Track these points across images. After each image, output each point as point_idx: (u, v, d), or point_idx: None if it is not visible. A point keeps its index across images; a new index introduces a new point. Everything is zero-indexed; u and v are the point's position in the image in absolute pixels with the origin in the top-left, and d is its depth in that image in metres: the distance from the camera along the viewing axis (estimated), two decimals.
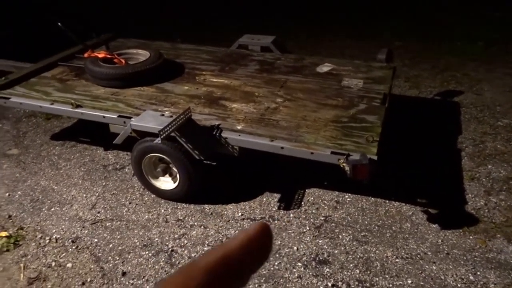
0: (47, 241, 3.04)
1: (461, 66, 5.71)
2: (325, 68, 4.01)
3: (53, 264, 2.85)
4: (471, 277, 2.62)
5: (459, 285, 2.57)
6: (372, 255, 2.82)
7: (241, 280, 0.30)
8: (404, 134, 4.09)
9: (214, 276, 0.28)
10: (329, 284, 2.61)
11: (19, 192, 3.56)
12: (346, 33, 7.22)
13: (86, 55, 3.99)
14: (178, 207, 3.30)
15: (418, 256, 2.79)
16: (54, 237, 3.08)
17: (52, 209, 3.35)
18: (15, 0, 5.77)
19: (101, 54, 3.84)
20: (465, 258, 2.76)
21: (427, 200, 3.28)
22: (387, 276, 2.66)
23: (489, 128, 4.22)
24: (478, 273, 2.65)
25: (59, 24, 3.79)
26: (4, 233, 3.09)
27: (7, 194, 3.54)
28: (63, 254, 2.92)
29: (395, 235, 2.97)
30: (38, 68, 4.07)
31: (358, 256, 2.81)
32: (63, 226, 3.17)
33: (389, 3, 8.66)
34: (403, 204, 3.24)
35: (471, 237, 2.93)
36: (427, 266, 2.71)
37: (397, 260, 2.77)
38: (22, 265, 2.85)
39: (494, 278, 2.60)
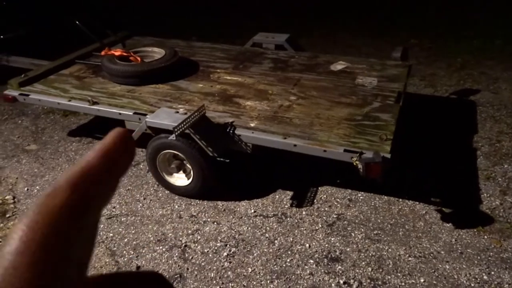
0: None
1: (478, 64, 5.62)
2: (339, 66, 4.00)
3: None
4: (485, 277, 2.60)
5: (472, 285, 2.55)
6: (385, 253, 2.81)
7: (107, 188, 0.31)
8: (419, 133, 4.06)
9: (76, 190, 0.28)
10: (341, 282, 2.62)
11: (37, 187, 3.65)
12: (360, 31, 7.17)
13: (103, 53, 4.06)
14: (192, 203, 3.34)
15: (431, 255, 2.78)
16: None
17: None
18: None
19: (117, 52, 3.91)
20: (479, 257, 2.74)
21: (441, 199, 3.25)
22: (399, 274, 2.65)
23: (506, 127, 4.16)
24: (492, 273, 2.62)
25: (77, 22, 3.86)
26: None
27: (25, 188, 3.63)
28: None
29: (408, 234, 2.96)
30: (56, 66, 4.15)
31: (370, 254, 2.81)
32: None
33: (404, 0, 8.56)
34: (417, 202, 3.22)
35: (485, 236, 2.90)
36: (440, 265, 2.70)
37: (409, 258, 2.76)
38: None
39: (509, 278, 2.58)
